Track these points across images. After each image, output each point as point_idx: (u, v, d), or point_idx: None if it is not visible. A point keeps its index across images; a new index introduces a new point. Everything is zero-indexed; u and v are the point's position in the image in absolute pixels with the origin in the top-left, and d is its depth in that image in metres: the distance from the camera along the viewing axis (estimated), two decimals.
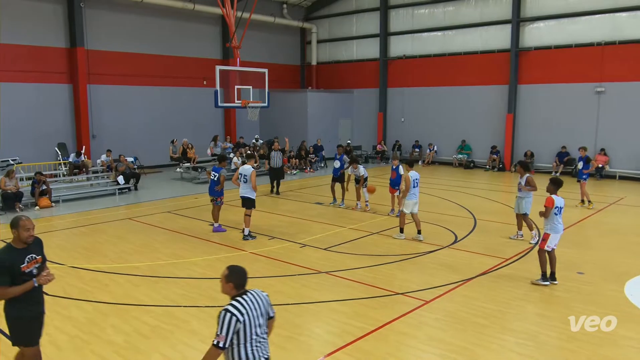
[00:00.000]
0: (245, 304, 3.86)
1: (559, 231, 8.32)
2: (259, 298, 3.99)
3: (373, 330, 6.65)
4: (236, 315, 3.77)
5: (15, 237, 4.79)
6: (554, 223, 8.29)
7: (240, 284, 3.98)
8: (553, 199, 8.26)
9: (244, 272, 4.03)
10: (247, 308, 3.85)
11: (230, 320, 3.74)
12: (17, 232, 4.76)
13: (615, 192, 17.66)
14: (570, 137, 21.20)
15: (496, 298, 7.83)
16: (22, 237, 4.76)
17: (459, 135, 24.96)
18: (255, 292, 4.03)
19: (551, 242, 8.32)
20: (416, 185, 11.21)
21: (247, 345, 3.84)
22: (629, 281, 8.54)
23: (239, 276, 3.98)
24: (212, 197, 12.06)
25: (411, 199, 11.14)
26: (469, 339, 6.42)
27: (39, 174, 15.05)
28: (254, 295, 3.98)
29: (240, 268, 4.05)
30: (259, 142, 24.12)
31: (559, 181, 8.53)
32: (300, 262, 9.60)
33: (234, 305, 3.82)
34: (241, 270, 4.03)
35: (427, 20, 25.70)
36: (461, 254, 10.20)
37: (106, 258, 9.98)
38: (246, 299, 3.91)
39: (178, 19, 23.82)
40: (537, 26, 22.36)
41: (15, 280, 4.66)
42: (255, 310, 3.90)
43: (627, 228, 12.56)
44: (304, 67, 30.90)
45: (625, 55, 19.99)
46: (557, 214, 8.28)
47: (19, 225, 4.76)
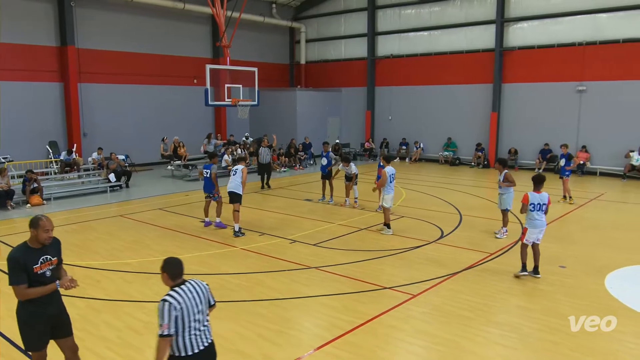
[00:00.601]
0: (183, 293, 4.00)
1: (536, 226, 8.46)
2: (197, 287, 4.13)
3: (362, 323, 6.75)
4: (173, 304, 3.91)
5: (33, 236, 4.64)
6: (529, 218, 8.50)
7: (175, 274, 4.10)
8: (528, 196, 8.45)
9: (178, 262, 4.15)
10: (184, 297, 3.98)
11: (169, 308, 3.90)
12: (36, 232, 4.60)
13: (596, 188, 17.93)
14: (553, 135, 21.54)
15: (481, 291, 7.97)
16: (40, 238, 4.62)
17: (444, 133, 25.23)
18: (194, 282, 4.17)
19: (529, 236, 8.50)
20: (392, 180, 11.51)
21: (184, 334, 3.98)
22: (609, 274, 8.70)
23: (172, 267, 4.10)
24: (207, 193, 12.16)
25: (389, 193, 11.42)
26: (455, 332, 6.53)
27: (30, 172, 15.01)
28: (192, 285, 4.11)
29: (174, 259, 4.18)
30: (249, 140, 24.22)
31: (538, 178, 8.65)
32: (290, 258, 9.68)
33: (171, 295, 3.97)
34: (175, 261, 4.15)
35: (413, 21, 25.93)
36: (447, 248, 10.35)
37: (98, 255, 10.03)
38: (184, 288, 4.03)
39: (168, 18, 23.80)
40: (520, 26, 22.67)
41: (29, 281, 4.54)
42: (192, 300, 4.02)
43: (607, 223, 12.82)
44: (293, 66, 30.98)
45: (605, 55, 20.34)
46: (533, 210, 8.43)
47: (38, 225, 4.60)
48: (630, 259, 9.62)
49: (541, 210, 8.48)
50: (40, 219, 4.65)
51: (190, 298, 4.02)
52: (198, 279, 4.26)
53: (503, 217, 11.32)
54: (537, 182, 8.60)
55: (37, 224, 4.61)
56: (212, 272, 8.90)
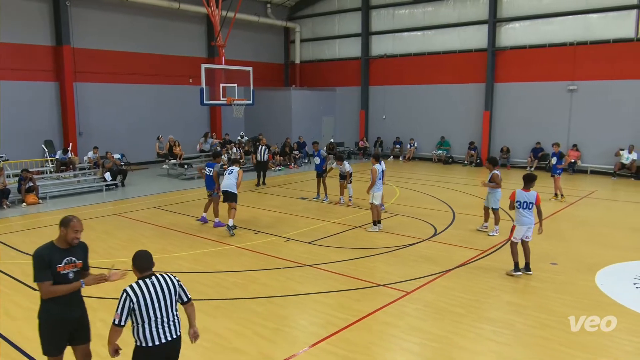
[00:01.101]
0: (144, 286, 4.09)
1: (523, 223, 8.54)
2: (163, 282, 4.19)
3: (356, 320, 6.80)
4: (130, 295, 4.04)
5: (62, 235, 4.57)
6: (517, 216, 8.61)
7: (141, 267, 4.20)
8: (515, 193, 8.58)
9: (145, 256, 4.24)
10: (144, 290, 4.07)
11: (125, 300, 4.04)
12: (66, 231, 4.54)
13: (587, 186, 18.06)
14: (544, 134, 21.72)
15: (473, 288, 8.04)
16: (68, 238, 4.55)
17: (438, 132, 25.38)
18: (162, 277, 4.22)
19: (517, 234, 8.59)
20: (381, 178, 11.65)
21: (145, 325, 4.10)
22: (600, 271, 8.77)
23: (138, 260, 4.21)
24: (209, 191, 12.22)
25: (379, 190, 11.54)
26: (448, 328, 6.59)
27: (26, 171, 14.99)
28: (158, 280, 4.18)
29: (142, 253, 4.27)
30: (244, 139, 24.27)
31: (529, 177, 8.71)
32: (285, 256, 9.73)
33: (132, 287, 4.08)
34: (142, 255, 4.25)
35: (407, 21, 26.05)
36: (440, 246, 10.44)
37: (94, 254, 9.92)
38: (147, 282, 4.13)
39: (163, 17, 23.80)
40: (512, 26, 22.83)
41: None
42: (154, 294, 4.10)
43: (598, 220, 12.95)
44: (288, 66, 31.01)
45: (596, 54, 20.53)
46: (520, 208, 8.52)
47: (69, 225, 4.55)
48: (620, 256, 9.71)
49: (528, 208, 8.53)
50: (72, 219, 4.60)
51: (152, 292, 4.09)
52: (171, 274, 4.34)
53: (485, 213, 11.43)
54: (528, 181, 8.67)
55: (67, 224, 4.56)
56: (207, 270, 8.95)
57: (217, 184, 12.03)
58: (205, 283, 8.32)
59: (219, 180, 12.00)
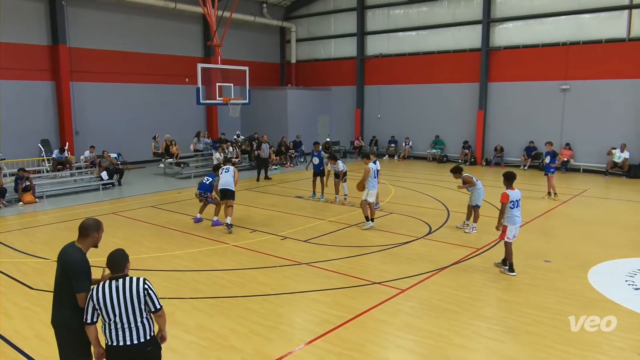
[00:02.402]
0: (107, 288, 4.04)
1: (515, 222, 8.59)
2: (127, 287, 4.05)
3: (352, 318, 6.82)
4: (92, 295, 4.07)
5: (91, 241, 4.34)
6: (509, 215, 8.58)
7: (112, 268, 4.14)
8: (508, 194, 8.49)
9: (116, 257, 4.14)
10: (106, 292, 4.03)
11: (89, 298, 4.08)
12: (97, 234, 4.35)
13: (580, 184, 18.15)
14: (538, 133, 21.83)
15: (468, 286, 8.07)
16: (97, 241, 4.38)
17: (432, 131, 25.47)
18: (129, 281, 4.09)
19: (510, 234, 8.62)
20: (376, 176, 11.69)
21: (106, 325, 4.11)
22: (592, 268, 8.83)
23: (109, 260, 4.15)
24: (200, 191, 12.17)
25: (374, 188, 11.59)
26: (443, 325, 6.62)
27: (22, 170, 14.98)
28: (124, 283, 4.07)
29: (115, 253, 4.18)
30: (240, 138, 24.31)
31: (512, 175, 8.69)
32: (282, 254, 9.75)
33: (97, 287, 4.09)
34: (114, 255, 4.16)
35: (402, 21, 26.13)
36: (435, 244, 10.48)
37: (91, 252, 10.03)
38: (112, 284, 4.06)
39: (160, 17, 23.79)
40: (506, 27, 22.96)
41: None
42: (115, 296, 4.02)
43: (591, 218, 13.01)
44: (284, 65, 31.04)
45: (588, 54, 20.66)
46: (513, 207, 8.53)
47: (100, 228, 4.37)
48: (612, 254, 9.77)
49: (518, 206, 8.60)
50: (101, 222, 4.40)
51: (113, 294, 4.03)
52: (144, 280, 4.15)
53: (474, 213, 11.45)
54: (512, 179, 8.68)
55: (100, 227, 4.37)
56: (203, 269, 8.95)
57: (216, 194, 12.02)
58: (201, 281, 8.33)
59: (217, 191, 12.00)
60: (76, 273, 4.17)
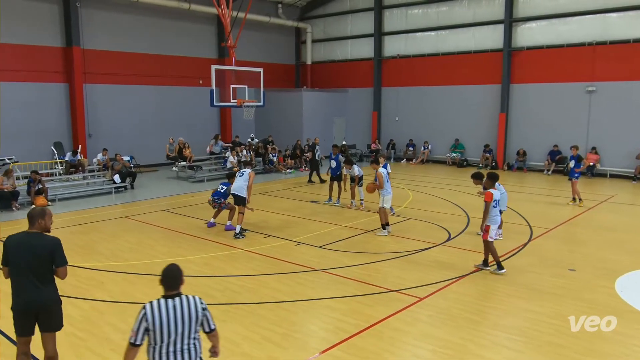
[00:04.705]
0: (164, 307, 3.75)
1: (497, 222, 8.84)
2: (185, 307, 3.81)
3: (367, 327, 6.70)
4: (147, 315, 3.73)
5: (38, 227, 4.89)
6: (492, 215, 8.72)
7: (167, 286, 3.85)
8: (492, 194, 8.66)
9: (173, 274, 3.87)
10: (162, 312, 3.73)
11: (142, 318, 3.74)
12: (44, 221, 4.90)
13: (606, 190, 17.80)
14: (562, 136, 21.37)
15: (488, 294, 7.93)
16: (46, 227, 4.93)
17: (452, 134, 25.09)
18: (187, 301, 3.85)
19: (492, 233, 8.76)
20: (387, 181, 11.58)
21: (157, 347, 3.79)
22: (620, 278, 8.61)
23: (165, 278, 3.86)
24: (213, 197, 12.02)
25: (389, 194, 11.44)
26: (462, 335, 6.48)
27: (35, 173, 14.99)
28: (181, 303, 3.81)
29: (171, 270, 3.90)
30: (254, 141, 24.19)
31: (495, 175, 8.95)
32: (296, 260, 9.64)
33: (151, 305, 3.77)
34: (170, 271, 3.88)
35: (420, 20, 25.82)
36: (455, 251, 10.29)
37: (102, 256, 10.01)
38: (169, 303, 3.77)
39: (174, 18, 23.83)
40: (529, 26, 22.52)
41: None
42: (173, 317, 3.75)
43: (618, 225, 12.67)
44: (299, 67, 30.94)
45: (615, 55, 20.17)
46: (496, 206, 8.73)
47: (45, 214, 4.94)
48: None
49: (499, 206, 8.84)
50: (47, 209, 5.06)
51: (170, 316, 3.75)
52: (199, 298, 3.96)
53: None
54: (495, 179, 8.91)
55: (45, 213, 4.96)
56: (216, 274, 8.87)
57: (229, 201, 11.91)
58: (214, 287, 8.27)
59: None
60: (57, 250, 4.84)
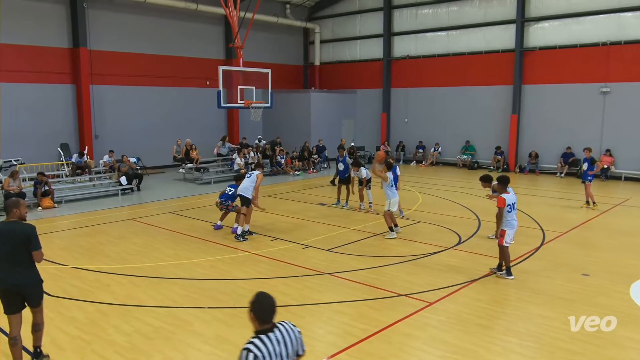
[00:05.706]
0: (269, 343, 3.39)
1: (513, 227, 8.63)
2: (288, 336, 3.49)
3: (376, 331, 6.63)
4: (258, 357, 3.30)
5: (14, 215, 5.39)
6: (507, 219, 8.58)
7: (264, 318, 3.45)
8: (504, 199, 8.52)
9: (268, 303, 3.47)
10: (270, 348, 3.37)
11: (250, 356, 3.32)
12: (18, 210, 5.41)
13: (621, 193, 17.57)
14: (576, 138, 21.08)
15: (500, 299, 7.82)
16: (22, 215, 5.44)
17: (463, 136, 24.86)
18: (286, 329, 3.52)
19: (508, 238, 8.60)
20: (394, 184, 11.48)
21: None
22: (635, 283, 8.46)
23: (260, 308, 3.44)
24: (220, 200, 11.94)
25: (395, 196, 11.32)
26: (472, 340, 6.40)
27: (41, 175, 15.00)
28: (283, 333, 3.48)
29: (265, 298, 3.49)
30: (262, 142, 24.10)
31: (506, 179, 8.78)
32: (303, 263, 9.55)
33: (256, 345, 3.35)
34: (265, 301, 3.47)
35: (430, 21, 25.62)
36: (465, 255, 10.15)
37: (108, 258, 9.95)
38: (271, 337, 3.41)
39: (181, 19, 23.82)
40: (541, 26, 22.25)
41: None
42: (279, 353, 3.41)
43: (633, 229, 12.46)
44: (307, 67, 30.84)
45: (630, 55, 19.85)
46: (510, 211, 8.56)
47: (19, 204, 5.44)
48: None
49: (514, 210, 8.64)
50: (20, 199, 5.58)
51: (276, 350, 3.39)
52: (291, 323, 3.63)
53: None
54: (507, 183, 8.74)
55: (19, 203, 5.45)
56: (223, 277, 8.81)
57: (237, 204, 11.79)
58: (221, 290, 8.21)
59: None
60: (32, 236, 5.37)
